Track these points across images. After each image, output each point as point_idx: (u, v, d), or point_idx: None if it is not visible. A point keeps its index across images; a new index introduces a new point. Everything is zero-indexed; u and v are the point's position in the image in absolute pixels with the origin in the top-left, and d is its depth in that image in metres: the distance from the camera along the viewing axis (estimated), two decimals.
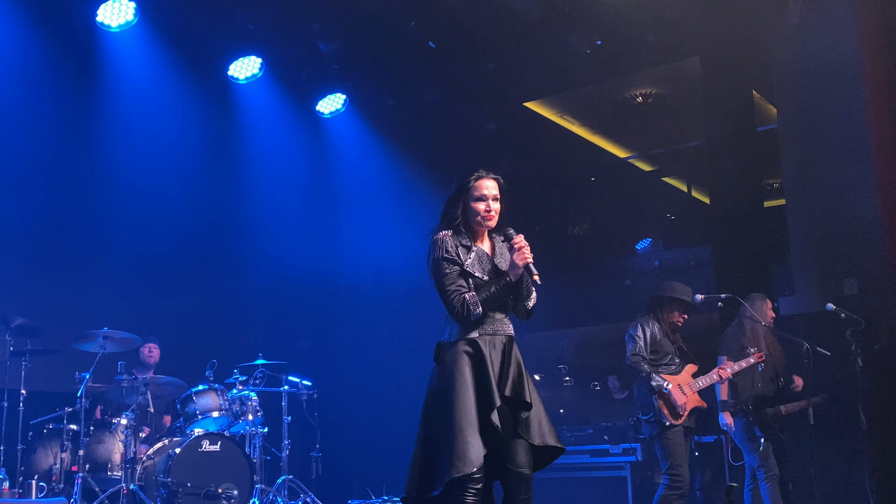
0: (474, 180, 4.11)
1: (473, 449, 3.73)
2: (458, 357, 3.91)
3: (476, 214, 4.06)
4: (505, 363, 3.95)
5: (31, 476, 6.31)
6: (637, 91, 10.40)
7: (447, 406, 3.83)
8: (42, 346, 6.76)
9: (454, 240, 4.02)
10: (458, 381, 3.86)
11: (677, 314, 6.08)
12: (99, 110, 8.29)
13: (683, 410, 5.79)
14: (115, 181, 8.32)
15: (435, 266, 3.99)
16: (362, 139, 10.15)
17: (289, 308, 9.40)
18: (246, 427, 7.12)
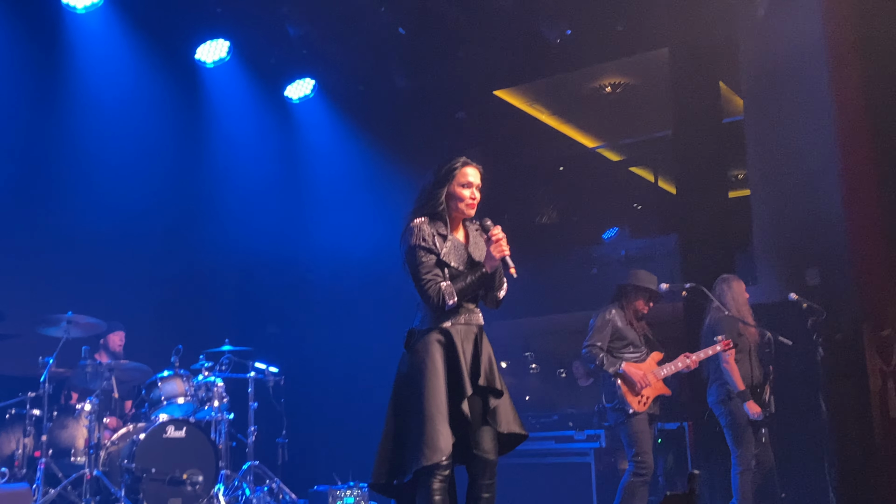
0: (461, 165, 4.10)
1: (443, 437, 3.76)
2: (429, 345, 3.92)
3: (460, 200, 4.05)
4: (476, 353, 3.97)
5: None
6: (606, 81, 10.45)
7: (417, 394, 3.84)
8: (4, 330, 6.67)
9: (431, 227, 3.99)
10: (430, 369, 3.87)
11: (642, 302, 6.13)
12: (64, 93, 8.17)
13: (642, 387, 5.83)
14: (81, 164, 8.22)
15: (410, 253, 3.95)
16: (331, 125, 10.10)
17: (256, 294, 9.36)
18: (211, 413, 7.09)
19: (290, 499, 7.16)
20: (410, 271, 3.98)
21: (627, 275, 6.28)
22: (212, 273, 9.13)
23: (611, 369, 5.87)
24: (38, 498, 6.07)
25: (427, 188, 4.09)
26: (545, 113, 11.26)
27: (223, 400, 7.16)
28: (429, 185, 4.09)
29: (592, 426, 8.75)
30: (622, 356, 5.98)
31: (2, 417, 6.63)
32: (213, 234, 9.21)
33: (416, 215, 4.04)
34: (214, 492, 6.64)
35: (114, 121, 8.43)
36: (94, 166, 8.29)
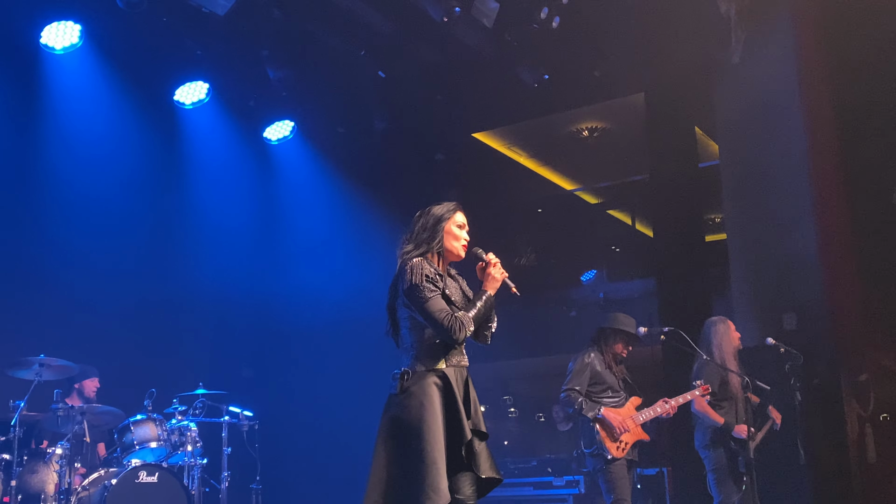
0: (454, 209, 4.17)
1: (444, 481, 3.74)
2: (427, 388, 3.87)
3: (457, 240, 4.12)
4: (467, 396, 3.96)
5: None
6: (583, 125, 10.54)
7: (417, 438, 3.80)
8: None
9: (430, 267, 4.00)
10: (430, 412, 3.83)
11: (621, 346, 6.11)
12: (41, 133, 8.12)
13: (621, 432, 5.80)
14: (56, 205, 8.16)
15: (414, 291, 3.91)
16: (310, 167, 10.09)
17: (231, 337, 9.28)
18: (185, 458, 6.97)
19: None
20: (416, 308, 3.92)
21: (606, 318, 6.26)
22: (187, 315, 9.05)
23: (589, 414, 5.83)
24: None
25: (423, 229, 4.12)
26: (523, 155, 11.32)
27: (197, 445, 7.05)
28: (426, 226, 4.12)
29: (571, 472, 8.70)
30: (601, 401, 5.94)
31: None
32: (190, 277, 9.14)
33: (413, 255, 4.04)
34: None
35: (91, 161, 8.38)
36: (70, 208, 8.23)
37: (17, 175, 7.91)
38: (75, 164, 8.20)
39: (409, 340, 3.99)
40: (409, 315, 3.98)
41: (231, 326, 9.26)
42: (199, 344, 9.15)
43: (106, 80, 8.39)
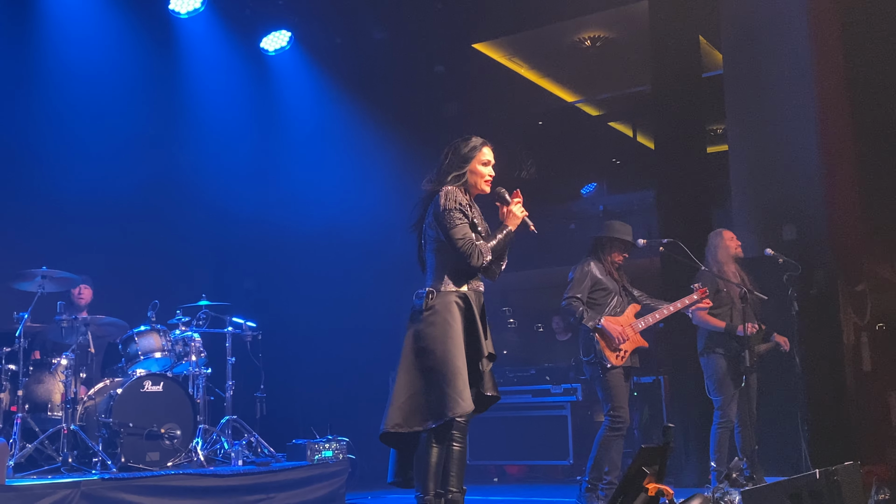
0: (481, 145, 4.38)
1: (467, 391, 4.08)
2: (450, 306, 4.17)
3: (482, 177, 4.34)
4: (483, 317, 4.28)
5: None
6: (585, 34, 10.38)
7: (444, 349, 4.11)
8: None
9: (463, 196, 4.26)
10: (453, 327, 4.14)
11: (617, 253, 6.14)
12: (36, 46, 8.02)
13: (620, 341, 5.86)
14: (53, 118, 8.08)
15: (446, 216, 4.18)
16: (308, 78, 9.97)
17: (232, 249, 9.30)
18: (189, 368, 7.08)
19: (269, 452, 7.19)
20: (443, 232, 4.21)
21: (602, 227, 6.29)
22: (188, 228, 9.05)
23: (589, 324, 5.88)
24: (14, 452, 6.04)
25: (451, 164, 4.35)
26: (524, 67, 11.18)
27: (201, 354, 7.15)
28: (453, 161, 4.35)
29: (569, 380, 8.83)
30: (607, 304, 5.98)
31: None
32: (189, 189, 9.11)
33: (448, 183, 4.29)
34: (192, 445, 6.65)
35: (86, 74, 8.28)
36: (67, 123, 8.16)
37: (14, 88, 7.83)
38: (71, 75, 8.11)
39: (433, 262, 4.29)
40: (435, 237, 4.27)
41: (232, 238, 9.26)
42: (201, 256, 9.17)
43: None
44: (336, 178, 9.55)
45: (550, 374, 9.01)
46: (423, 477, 4.11)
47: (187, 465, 6.51)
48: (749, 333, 6.24)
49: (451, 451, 4.13)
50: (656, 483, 3.66)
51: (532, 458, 8.93)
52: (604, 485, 5.83)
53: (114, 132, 8.42)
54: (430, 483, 4.10)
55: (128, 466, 6.22)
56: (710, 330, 6.49)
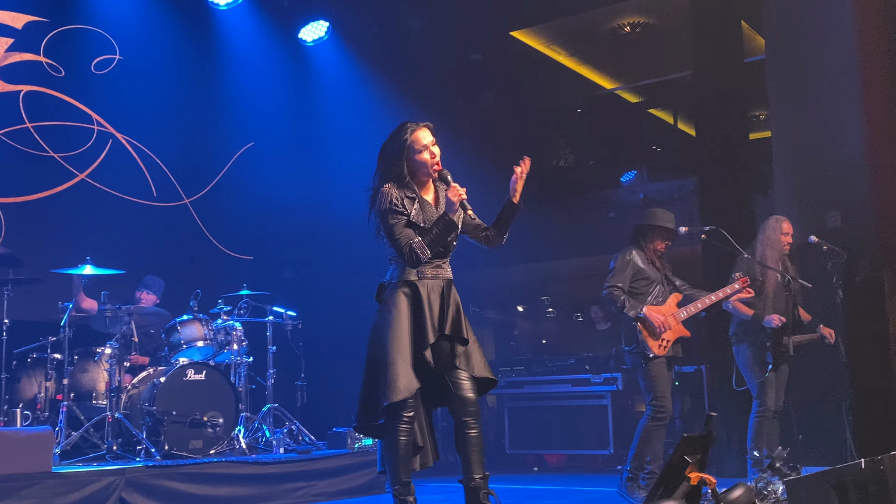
0: (410, 134, 4.26)
1: (403, 378, 4.06)
2: (395, 297, 4.19)
3: (424, 166, 4.25)
4: (444, 304, 4.23)
5: (16, 405, 6.32)
6: (625, 20, 10.28)
7: (382, 341, 4.16)
8: (24, 275, 6.71)
9: (399, 192, 4.20)
10: (395, 317, 4.16)
11: (660, 241, 6.07)
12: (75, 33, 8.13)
13: (662, 331, 5.80)
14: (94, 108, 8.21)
15: (382, 216, 4.19)
16: (346, 68, 10.00)
17: (273, 239, 9.36)
18: (231, 356, 7.15)
19: (310, 440, 7.24)
20: (385, 232, 4.22)
21: (644, 214, 6.22)
22: (228, 218, 9.13)
23: (631, 313, 5.82)
24: (60, 440, 6.15)
25: (387, 160, 4.28)
26: (563, 54, 11.10)
27: (242, 343, 7.21)
28: (389, 157, 4.28)
29: (609, 370, 8.78)
30: (649, 293, 5.93)
31: (24, 362, 6.71)
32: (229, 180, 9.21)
33: (383, 182, 4.25)
34: (235, 433, 6.72)
35: (126, 63, 8.40)
36: (108, 110, 8.28)
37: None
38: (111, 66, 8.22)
39: (388, 255, 4.33)
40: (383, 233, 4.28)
41: (272, 228, 9.32)
42: (241, 246, 9.25)
43: None
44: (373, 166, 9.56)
45: (590, 363, 8.96)
46: (389, 468, 4.18)
47: (229, 453, 6.58)
48: (776, 326, 6.15)
49: (466, 437, 4.15)
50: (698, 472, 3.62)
51: (572, 447, 8.91)
52: (645, 474, 5.79)
53: (152, 120, 8.53)
54: (396, 474, 4.14)
55: (171, 454, 6.30)
56: (740, 318, 6.41)
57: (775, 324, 6.16)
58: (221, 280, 8.02)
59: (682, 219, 6.36)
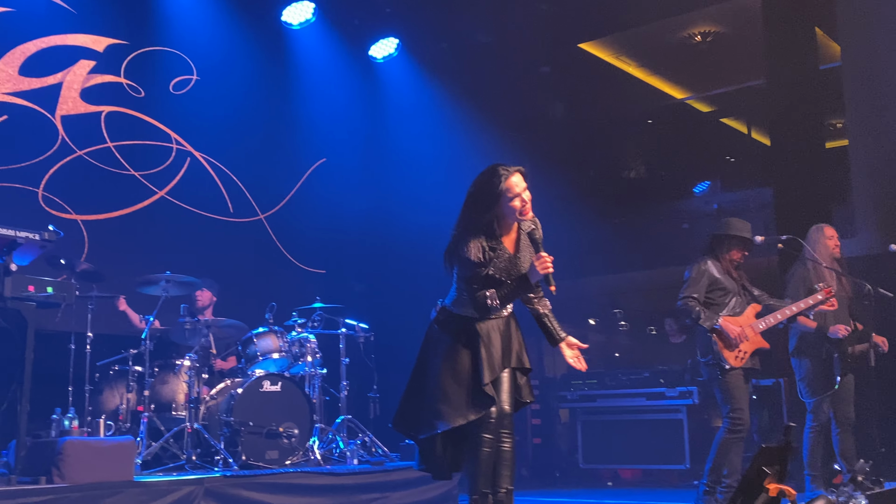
0: (503, 181, 4.12)
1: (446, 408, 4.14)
2: (454, 329, 4.24)
3: (513, 212, 4.16)
4: (505, 340, 4.25)
5: (99, 415, 6.45)
6: (696, 29, 10.18)
7: (436, 368, 4.22)
8: (106, 290, 6.91)
9: (484, 242, 4.14)
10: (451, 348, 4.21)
11: (736, 251, 5.96)
12: (154, 55, 8.37)
13: (739, 342, 5.70)
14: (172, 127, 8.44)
15: (461, 263, 4.15)
16: (416, 83, 10.10)
17: (345, 253, 9.48)
18: (305, 368, 7.23)
19: (383, 452, 7.29)
20: (459, 275, 4.22)
21: (720, 224, 6.13)
22: (301, 232, 9.29)
23: (706, 324, 5.73)
24: (141, 450, 6.30)
25: (477, 207, 4.17)
26: (632, 65, 11.03)
27: (316, 355, 7.29)
28: (479, 205, 4.17)
29: (684, 383, 8.65)
30: (725, 304, 5.83)
31: (106, 374, 6.89)
32: (302, 196, 9.38)
33: (470, 230, 4.15)
34: (310, 444, 6.79)
35: (202, 84, 8.62)
36: (186, 129, 8.50)
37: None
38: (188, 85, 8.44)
39: (454, 284, 4.29)
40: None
41: (344, 241, 9.45)
42: (314, 259, 9.39)
43: (216, 3, 8.58)
44: (444, 181, 9.60)
45: (665, 376, 8.84)
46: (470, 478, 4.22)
47: (305, 464, 6.65)
48: (842, 336, 6.00)
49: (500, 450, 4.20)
50: (777, 484, 3.55)
51: (647, 461, 8.78)
52: (722, 488, 5.68)
53: (230, 140, 8.74)
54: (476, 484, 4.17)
55: (248, 464, 6.40)
56: (801, 330, 6.26)
57: (841, 334, 6.04)
58: (295, 293, 8.14)
59: (758, 229, 6.26)
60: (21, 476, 5.17)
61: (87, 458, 5.23)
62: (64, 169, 7.59)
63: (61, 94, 7.70)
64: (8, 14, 7.41)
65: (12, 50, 7.45)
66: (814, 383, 6.24)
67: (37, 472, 5.15)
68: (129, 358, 6.80)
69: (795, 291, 6.21)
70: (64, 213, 7.56)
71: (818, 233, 6.46)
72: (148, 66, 8.31)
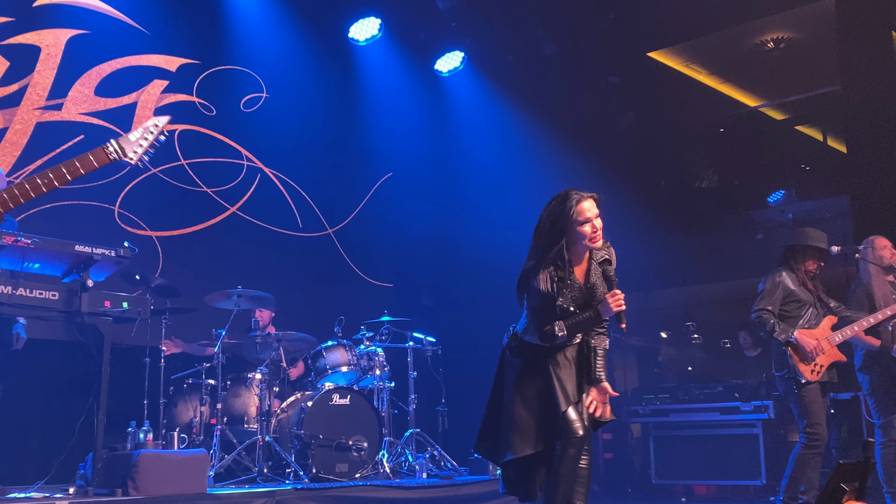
0: (575, 205, 4.08)
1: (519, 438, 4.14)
2: (525, 359, 4.21)
3: (583, 238, 4.10)
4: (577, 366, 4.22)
5: (173, 428, 6.60)
6: (768, 36, 9.99)
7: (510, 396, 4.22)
8: (180, 304, 7.04)
9: (550, 272, 4.09)
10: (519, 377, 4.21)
11: (812, 262, 5.81)
12: (225, 74, 8.54)
13: (815, 356, 5.55)
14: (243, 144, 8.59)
15: (531, 293, 4.12)
16: (481, 96, 10.11)
17: (412, 266, 9.51)
18: (374, 381, 7.26)
19: (452, 466, 7.27)
20: (527, 306, 4.18)
21: (795, 234, 5.98)
22: (368, 246, 9.36)
23: (781, 337, 5.58)
24: (214, 463, 6.39)
25: (548, 234, 4.13)
26: (703, 73, 10.87)
27: (384, 369, 7.32)
28: (550, 232, 4.13)
29: (759, 397, 8.45)
30: (800, 316, 5.68)
31: (180, 387, 7.02)
32: (370, 211, 9.45)
33: (541, 260, 4.12)
34: (379, 458, 6.81)
35: (273, 102, 8.77)
36: (256, 146, 8.65)
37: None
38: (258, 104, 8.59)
39: (524, 311, 4.24)
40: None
41: (411, 255, 9.49)
42: (382, 273, 9.45)
43: (284, 21, 8.75)
44: (513, 194, 9.59)
45: (739, 391, 8.64)
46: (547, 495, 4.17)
47: (374, 477, 6.67)
48: None
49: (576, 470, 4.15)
50: (856, 501, 3.43)
51: (722, 477, 8.58)
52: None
53: (299, 156, 8.87)
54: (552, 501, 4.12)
55: (319, 477, 6.44)
56: (863, 347, 6.05)
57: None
58: (363, 307, 8.20)
59: (835, 239, 6.09)
60: (98, 488, 5.30)
61: (161, 470, 5.32)
62: (139, 187, 7.78)
63: (136, 113, 7.90)
64: (84, 36, 7.64)
65: (88, 71, 7.67)
66: (881, 401, 6.02)
67: (113, 484, 5.26)
68: (203, 371, 6.92)
69: (860, 306, 6.00)
70: (139, 229, 7.74)
71: (869, 246, 6.23)
72: (219, 85, 8.48)
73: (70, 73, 7.55)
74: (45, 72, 7.42)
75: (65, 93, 7.51)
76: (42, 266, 5.36)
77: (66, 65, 7.52)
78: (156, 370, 6.66)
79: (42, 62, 7.42)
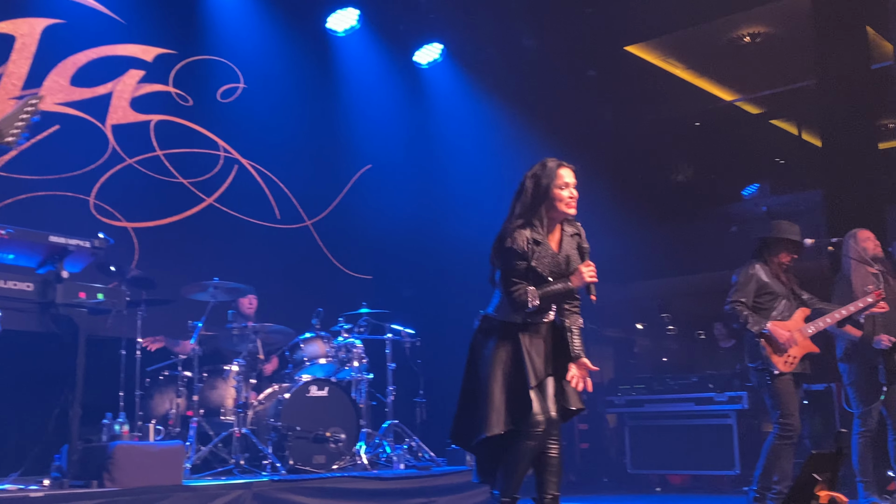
0: (556, 167, 4.20)
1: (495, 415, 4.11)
2: (500, 335, 4.21)
3: (559, 201, 4.17)
4: (548, 346, 4.25)
5: (149, 420, 6.55)
6: (744, 31, 10.06)
7: (483, 376, 4.20)
8: (156, 296, 7.00)
9: (527, 232, 4.15)
10: (494, 356, 4.19)
11: (785, 254, 5.87)
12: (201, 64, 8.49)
13: (788, 347, 5.61)
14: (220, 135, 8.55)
15: (504, 254, 4.16)
16: (460, 89, 10.12)
17: (390, 258, 9.51)
18: (352, 373, 7.28)
19: (429, 457, 7.30)
20: (500, 271, 4.22)
21: (768, 227, 6.04)
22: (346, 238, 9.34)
23: (754, 329, 5.65)
24: (191, 455, 6.38)
25: (525, 193, 4.22)
26: (680, 67, 10.94)
27: (362, 361, 7.33)
28: (527, 191, 4.21)
29: (733, 388, 8.54)
30: (773, 308, 5.75)
31: (156, 379, 6.98)
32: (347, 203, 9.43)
33: (516, 219, 4.19)
34: (356, 449, 6.82)
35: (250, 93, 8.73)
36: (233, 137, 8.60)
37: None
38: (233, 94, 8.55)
39: (496, 289, 4.28)
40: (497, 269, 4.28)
41: (390, 248, 9.48)
42: (361, 265, 9.44)
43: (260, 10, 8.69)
44: (490, 186, 9.60)
45: (714, 381, 8.73)
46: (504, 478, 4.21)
47: (352, 468, 6.69)
48: (885, 346, 5.88)
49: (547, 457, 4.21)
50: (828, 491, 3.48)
51: (696, 467, 8.67)
52: (772, 494, 5.59)
53: (276, 147, 8.83)
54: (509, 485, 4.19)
55: (296, 468, 6.45)
56: (845, 337, 6.14)
57: (885, 344, 5.92)
58: (342, 299, 8.19)
59: (808, 232, 6.16)
60: (73, 480, 5.27)
61: (137, 462, 5.31)
62: (114, 177, 7.72)
63: (111, 103, 7.84)
64: (59, 25, 7.57)
65: (64, 61, 7.60)
66: (861, 391, 6.12)
67: (88, 475, 5.24)
68: (179, 363, 6.89)
69: (842, 298, 6.08)
70: (114, 220, 7.69)
71: (852, 239, 6.33)
72: (196, 75, 8.42)
73: (45, 62, 7.47)
74: (21, 61, 7.35)
75: (40, 82, 7.44)
76: (16, 257, 5.32)
77: (42, 54, 7.44)
78: (132, 362, 6.61)
79: (17, 51, 7.34)
